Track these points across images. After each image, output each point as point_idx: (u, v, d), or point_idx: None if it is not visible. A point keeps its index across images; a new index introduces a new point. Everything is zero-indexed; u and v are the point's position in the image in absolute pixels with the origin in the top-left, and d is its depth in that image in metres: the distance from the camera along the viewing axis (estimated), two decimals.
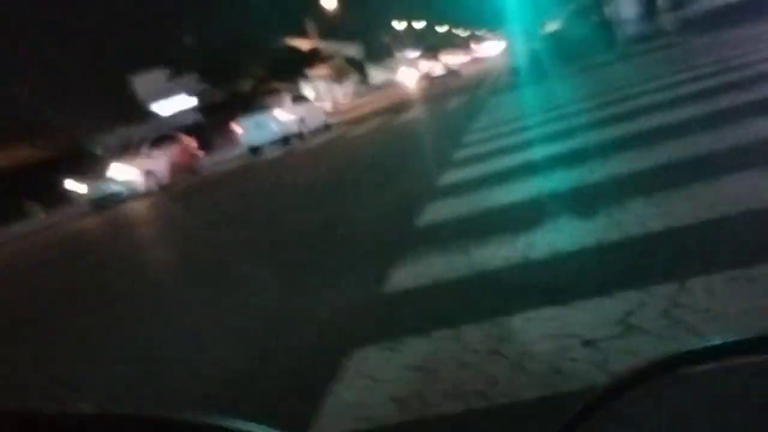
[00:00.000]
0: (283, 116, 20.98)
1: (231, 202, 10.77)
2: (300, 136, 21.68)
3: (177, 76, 41.97)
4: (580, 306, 2.51)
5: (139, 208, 15.44)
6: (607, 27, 17.90)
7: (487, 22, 27.63)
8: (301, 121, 21.80)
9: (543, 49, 19.89)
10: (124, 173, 18.69)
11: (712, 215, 3.07)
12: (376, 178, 8.33)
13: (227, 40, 42.82)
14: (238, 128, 21.73)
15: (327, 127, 23.68)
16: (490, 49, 64.84)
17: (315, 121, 23.10)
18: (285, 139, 21.29)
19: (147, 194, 18.35)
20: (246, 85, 46.60)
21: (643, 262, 2.79)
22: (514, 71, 20.54)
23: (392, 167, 9.00)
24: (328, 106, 38.10)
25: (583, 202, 4.08)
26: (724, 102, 5.86)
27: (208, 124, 36.10)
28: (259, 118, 21.00)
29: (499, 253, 3.54)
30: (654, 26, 18.53)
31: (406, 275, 3.68)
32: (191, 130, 27.36)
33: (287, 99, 22.23)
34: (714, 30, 13.74)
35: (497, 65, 28.27)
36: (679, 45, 13.59)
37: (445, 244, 4.03)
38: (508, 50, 22.27)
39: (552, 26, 24.18)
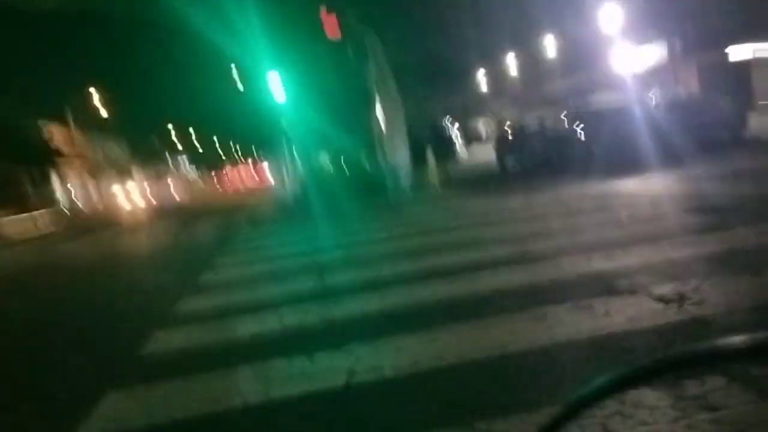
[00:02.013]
0: None
1: None
2: None
3: None
4: None
5: None
6: (377, 171, 17.12)
7: (262, 143, 26.39)
8: None
9: (313, 184, 18.70)
10: None
11: None
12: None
13: None
14: None
15: None
16: (263, 170, 64.51)
17: None
18: None
19: None
20: None
21: None
22: (280, 201, 18.99)
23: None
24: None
25: None
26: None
27: None
28: None
29: None
30: (422, 178, 18.41)
31: None
32: None
33: None
34: (482, 193, 13.47)
35: (266, 188, 26.66)
36: (449, 201, 12.99)
37: None
38: (278, 176, 20.74)
39: (325, 160, 23.52)
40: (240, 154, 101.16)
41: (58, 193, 47.49)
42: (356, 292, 5.33)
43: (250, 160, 73.19)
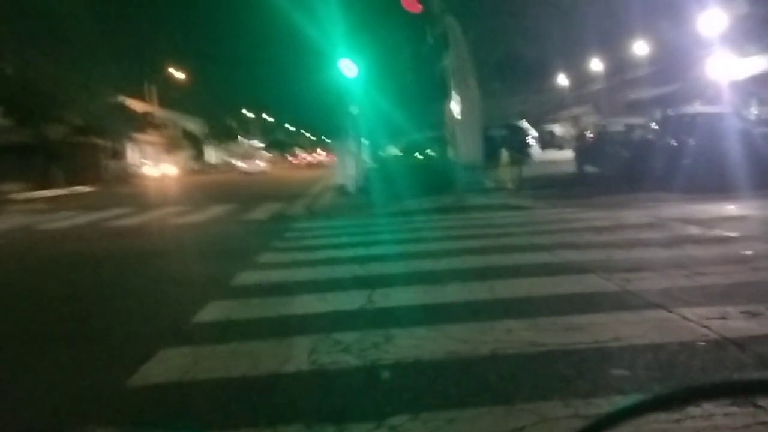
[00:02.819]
0: None
1: None
2: None
3: None
4: None
5: None
6: (447, 167, 15.83)
7: (330, 131, 25.70)
8: None
9: (377, 174, 17.67)
10: None
11: None
12: None
13: (47, 78, 36.57)
14: None
15: None
16: (329, 158, 65.07)
17: None
18: None
19: None
20: (57, 132, 40.56)
21: None
22: (342, 190, 18.07)
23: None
24: None
25: None
26: None
27: None
28: None
29: None
30: (494, 178, 17.11)
31: None
32: None
33: None
34: (560, 202, 12.11)
35: (330, 176, 25.84)
36: (524, 209, 11.69)
37: None
38: (343, 166, 19.81)
39: (392, 150, 22.53)
40: (309, 140, 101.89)
41: (133, 166, 48.44)
42: (413, 324, 4.22)
43: (318, 148, 73.38)
